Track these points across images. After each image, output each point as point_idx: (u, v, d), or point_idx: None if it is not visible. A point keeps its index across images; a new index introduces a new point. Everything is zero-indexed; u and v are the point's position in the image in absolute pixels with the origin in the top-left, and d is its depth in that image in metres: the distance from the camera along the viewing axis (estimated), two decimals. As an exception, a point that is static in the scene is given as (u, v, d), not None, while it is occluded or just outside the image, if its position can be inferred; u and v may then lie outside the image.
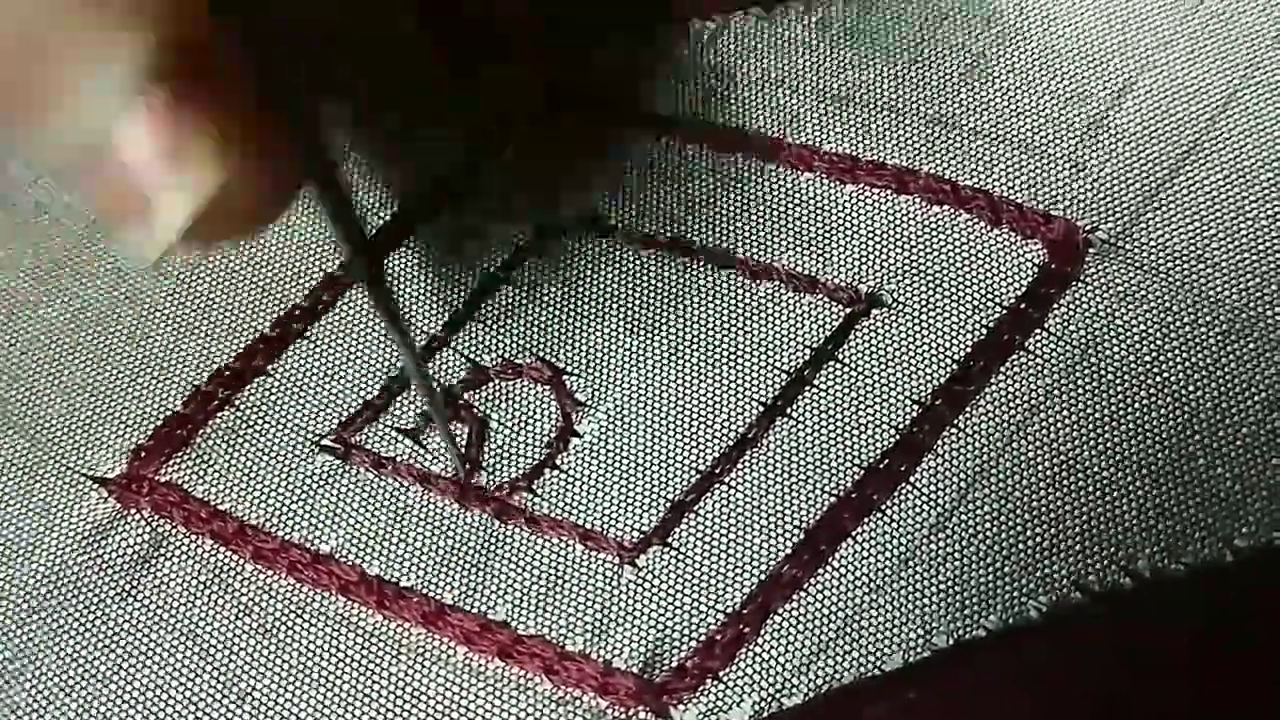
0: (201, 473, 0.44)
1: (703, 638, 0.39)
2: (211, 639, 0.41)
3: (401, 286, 0.46)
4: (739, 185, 0.46)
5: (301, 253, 0.47)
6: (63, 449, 0.44)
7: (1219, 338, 0.42)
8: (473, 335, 0.45)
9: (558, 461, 0.43)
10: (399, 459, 0.43)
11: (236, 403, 0.45)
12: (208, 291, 0.47)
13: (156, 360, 0.46)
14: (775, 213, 0.46)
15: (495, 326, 0.45)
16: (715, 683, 0.39)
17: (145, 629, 0.41)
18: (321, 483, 0.43)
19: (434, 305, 0.46)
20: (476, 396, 0.44)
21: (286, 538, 0.42)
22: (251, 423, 0.44)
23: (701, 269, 0.45)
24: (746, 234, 0.46)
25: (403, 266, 0.47)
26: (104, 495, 0.43)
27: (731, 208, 0.46)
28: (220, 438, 0.44)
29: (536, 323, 0.45)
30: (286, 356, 0.45)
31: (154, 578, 0.42)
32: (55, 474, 0.44)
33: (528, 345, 0.45)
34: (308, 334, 0.46)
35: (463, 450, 0.43)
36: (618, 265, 0.46)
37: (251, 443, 0.44)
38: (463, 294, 0.46)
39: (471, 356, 0.45)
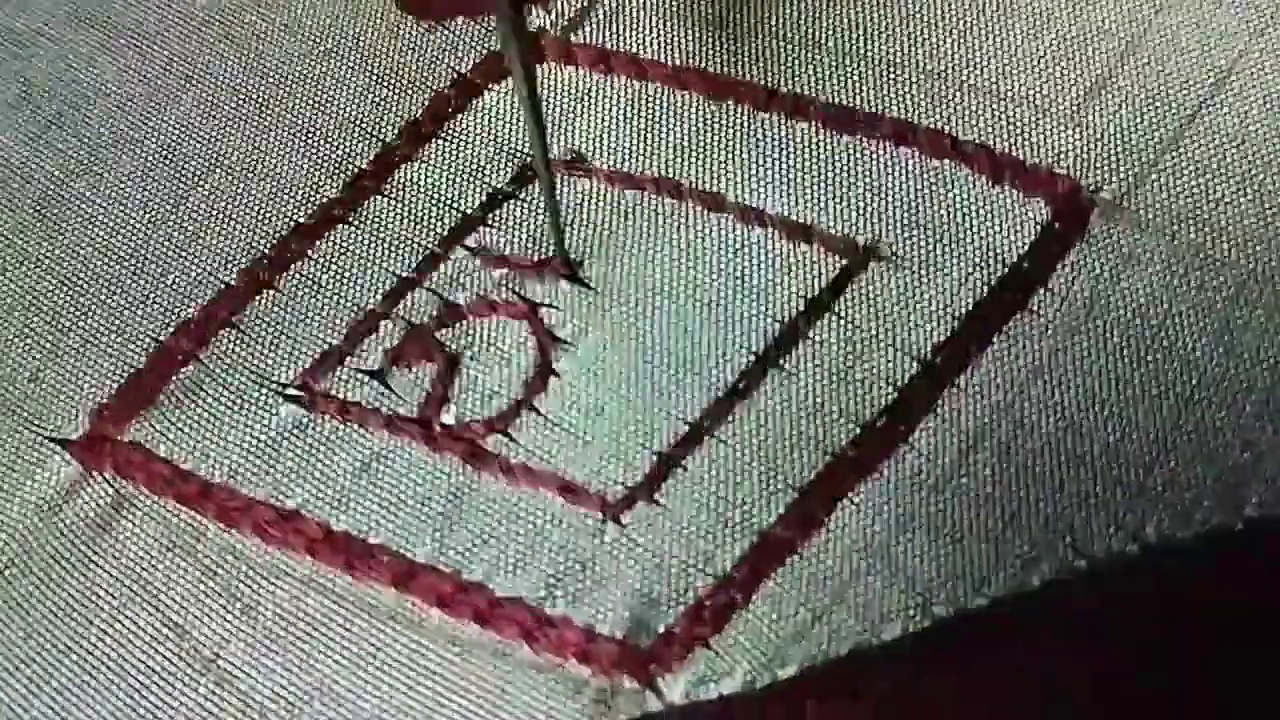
0: (165, 431, 0.43)
1: (691, 602, 0.38)
2: (175, 604, 0.40)
3: (378, 225, 0.45)
4: (730, 130, 0.46)
5: (269, 202, 0.46)
6: (24, 410, 0.43)
7: (1226, 302, 0.41)
8: (446, 274, 0.44)
9: (535, 403, 0.41)
10: (365, 404, 0.42)
11: (201, 357, 0.44)
12: (173, 244, 0.46)
13: (121, 316, 0.45)
14: (768, 159, 0.45)
15: (471, 265, 0.44)
16: (704, 650, 0.38)
17: (107, 596, 0.40)
18: (287, 435, 0.42)
19: (409, 244, 0.45)
20: (448, 334, 0.43)
21: (251, 495, 0.41)
22: (216, 376, 0.43)
23: (689, 211, 0.44)
24: (737, 178, 0.45)
25: (382, 204, 0.46)
26: (66, 458, 0.42)
27: (721, 151, 0.45)
28: (184, 394, 0.43)
29: (514, 259, 0.44)
30: (252, 307, 0.44)
31: (116, 542, 0.41)
32: (16, 436, 0.43)
33: (504, 282, 0.44)
34: (275, 284, 0.45)
35: (563, 230, 0.43)
36: (600, 204, 0.45)
37: (216, 397, 0.43)
38: (440, 232, 0.45)
39: (445, 295, 0.44)
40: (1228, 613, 0.37)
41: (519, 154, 0.46)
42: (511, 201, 0.45)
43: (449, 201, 0.46)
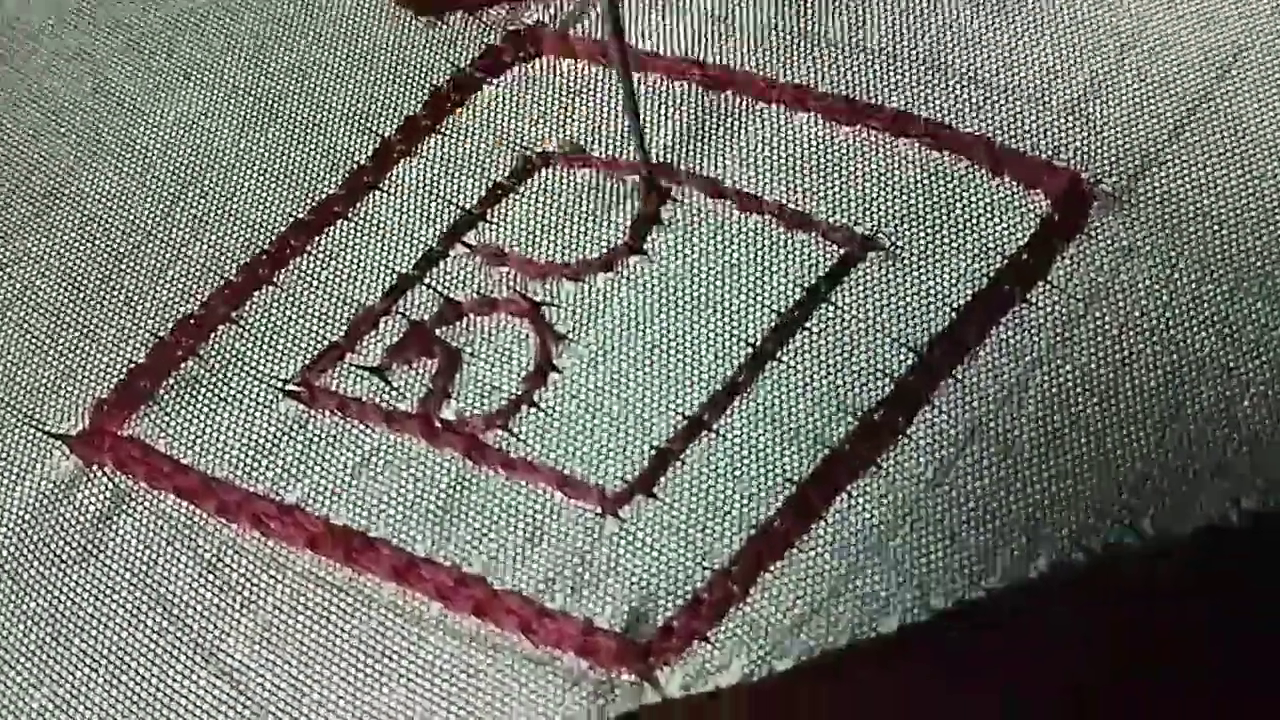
0: (164, 426, 0.43)
1: (689, 596, 0.38)
2: (175, 598, 0.40)
3: (378, 221, 0.45)
4: (728, 119, 0.46)
5: (269, 199, 0.46)
6: (24, 405, 0.43)
7: (1225, 295, 0.41)
8: (447, 271, 0.44)
9: (535, 398, 0.41)
10: (365, 399, 0.42)
11: (200, 352, 0.44)
12: (173, 240, 0.46)
13: (120, 312, 0.45)
14: (766, 147, 0.45)
15: (471, 263, 0.44)
16: (702, 644, 0.37)
17: (107, 589, 0.40)
18: (286, 430, 0.42)
19: (409, 240, 0.45)
20: (449, 331, 0.43)
21: (251, 489, 0.41)
22: (215, 372, 0.43)
23: (687, 199, 0.44)
24: (735, 165, 0.45)
25: (381, 200, 0.46)
26: (66, 452, 0.42)
27: (719, 139, 0.45)
28: (184, 389, 0.43)
29: (514, 255, 0.44)
30: (252, 303, 0.44)
31: (116, 536, 0.41)
32: (16, 431, 0.43)
33: (505, 280, 0.44)
34: (275, 280, 0.45)
35: (646, 150, 0.43)
36: (599, 194, 0.45)
37: (215, 393, 0.43)
38: (439, 229, 0.45)
39: (445, 292, 0.44)
40: (1226, 606, 0.37)
41: (518, 148, 0.46)
42: (511, 196, 0.45)
43: (448, 197, 0.46)
